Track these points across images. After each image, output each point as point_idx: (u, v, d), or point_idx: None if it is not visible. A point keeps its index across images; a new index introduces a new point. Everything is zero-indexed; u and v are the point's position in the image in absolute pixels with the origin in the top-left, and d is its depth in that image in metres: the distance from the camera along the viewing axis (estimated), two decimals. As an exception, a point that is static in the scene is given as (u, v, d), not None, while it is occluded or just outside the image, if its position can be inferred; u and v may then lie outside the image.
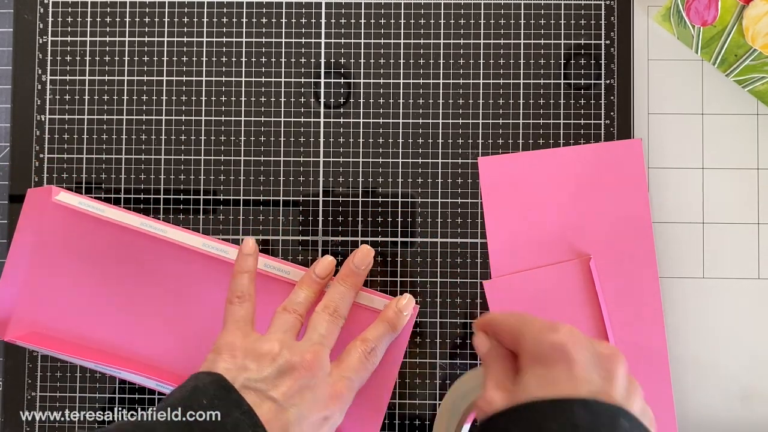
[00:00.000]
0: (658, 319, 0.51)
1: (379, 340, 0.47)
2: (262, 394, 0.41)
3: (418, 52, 0.53)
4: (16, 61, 0.54)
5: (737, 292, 0.52)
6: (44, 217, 0.51)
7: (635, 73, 0.53)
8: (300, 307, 0.46)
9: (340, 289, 0.48)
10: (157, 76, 0.54)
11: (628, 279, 0.51)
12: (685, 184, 0.53)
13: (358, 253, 0.49)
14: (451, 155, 0.53)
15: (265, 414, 0.40)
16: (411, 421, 0.51)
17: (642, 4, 0.53)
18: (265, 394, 0.40)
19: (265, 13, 0.54)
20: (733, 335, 0.52)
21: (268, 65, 0.54)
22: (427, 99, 0.53)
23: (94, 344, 0.51)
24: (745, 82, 0.52)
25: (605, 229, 0.52)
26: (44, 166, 0.53)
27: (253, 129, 0.53)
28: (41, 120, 0.54)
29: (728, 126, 0.53)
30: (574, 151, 0.52)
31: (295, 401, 0.41)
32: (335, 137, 0.53)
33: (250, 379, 0.41)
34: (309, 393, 0.42)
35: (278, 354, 0.42)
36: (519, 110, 0.53)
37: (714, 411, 0.52)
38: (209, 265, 0.50)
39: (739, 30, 0.47)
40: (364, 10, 0.54)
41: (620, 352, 0.35)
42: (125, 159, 0.54)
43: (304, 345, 0.44)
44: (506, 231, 0.52)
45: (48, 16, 0.54)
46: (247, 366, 0.41)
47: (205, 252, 0.50)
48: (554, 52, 0.53)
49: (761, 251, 0.52)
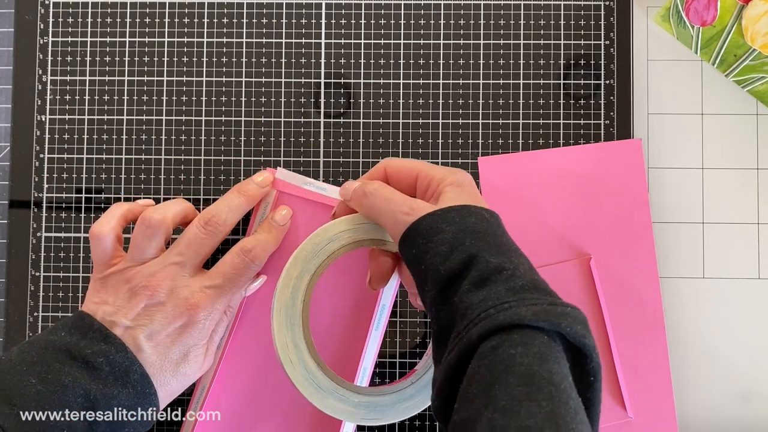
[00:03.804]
0: (658, 319, 0.51)
1: (257, 243, 0.47)
2: (113, 323, 0.44)
3: (418, 52, 0.53)
4: (17, 62, 0.54)
5: (737, 292, 0.52)
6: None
7: (635, 73, 0.53)
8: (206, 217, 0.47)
9: (228, 197, 0.48)
10: (157, 76, 0.54)
11: (628, 279, 0.51)
12: (685, 184, 0.53)
13: (260, 175, 0.50)
14: (451, 155, 0.53)
15: (119, 335, 0.43)
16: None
17: (641, 5, 0.53)
18: (117, 322, 0.44)
19: (265, 14, 0.54)
20: (733, 335, 0.52)
21: (268, 65, 0.54)
22: (427, 99, 0.53)
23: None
24: (744, 82, 0.52)
25: (605, 229, 0.52)
26: (44, 166, 0.54)
27: (253, 129, 0.53)
28: (41, 120, 0.54)
29: (728, 126, 0.53)
30: (574, 151, 0.52)
31: (143, 321, 0.44)
32: (335, 137, 0.53)
33: (107, 312, 0.44)
34: (158, 312, 0.44)
35: (130, 280, 0.45)
36: (519, 110, 0.53)
37: (714, 411, 0.52)
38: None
39: (739, 30, 0.47)
40: (364, 11, 0.54)
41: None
42: (125, 159, 0.54)
43: (154, 266, 0.45)
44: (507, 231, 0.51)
45: (49, 16, 0.54)
46: (106, 300, 0.45)
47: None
48: (554, 52, 0.53)
49: (761, 251, 0.52)
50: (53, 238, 0.53)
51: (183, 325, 0.45)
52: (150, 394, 0.43)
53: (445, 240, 0.39)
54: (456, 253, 0.38)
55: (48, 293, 0.53)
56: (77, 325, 0.43)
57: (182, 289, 0.45)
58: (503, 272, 0.37)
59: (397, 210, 0.42)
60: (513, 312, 0.35)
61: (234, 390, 0.51)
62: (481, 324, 0.35)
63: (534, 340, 0.34)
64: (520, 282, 0.37)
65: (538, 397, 0.31)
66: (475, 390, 0.33)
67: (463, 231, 0.39)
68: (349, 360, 0.50)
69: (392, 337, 0.52)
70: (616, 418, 0.50)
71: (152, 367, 0.43)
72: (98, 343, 0.42)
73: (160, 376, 0.44)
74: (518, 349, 0.33)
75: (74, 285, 0.53)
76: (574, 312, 0.36)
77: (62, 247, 0.53)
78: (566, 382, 0.33)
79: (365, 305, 0.51)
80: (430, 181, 0.44)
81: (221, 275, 0.46)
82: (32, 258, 0.53)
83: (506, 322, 0.34)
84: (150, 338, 0.44)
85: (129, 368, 0.42)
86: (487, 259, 0.38)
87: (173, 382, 0.45)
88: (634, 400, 0.50)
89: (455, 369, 0.36)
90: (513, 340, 0.34)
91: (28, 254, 0.53)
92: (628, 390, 0.50)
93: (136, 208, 0.48)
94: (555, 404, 0.31)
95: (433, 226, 0.39)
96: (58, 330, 0.43)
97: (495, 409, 0.32)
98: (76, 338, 0.43)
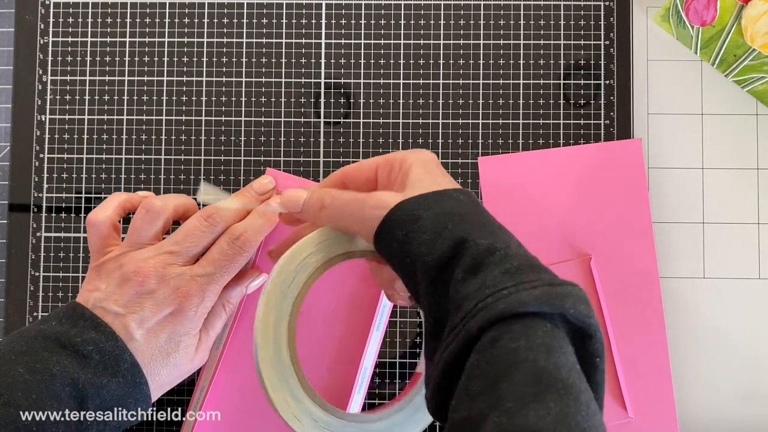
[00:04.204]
0: (659, 319, 0.51)
1: (246, 227, 0.46)
2: (103, 309, 0.43)
3: (418, 52, 0.53)
4: (17, 62, 0.54)
5: (737, 292, 0.52)
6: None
7: (635, 73, 0.53)
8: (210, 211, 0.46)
9: (231, 201, 0.47)
10: (157, 76, 0.54)
11: (628, 279, 0.51)
12: (685, 184, 0.53)
13: (260, 179, 0.49)
14: (451, 155, 0.53)
15: (109, 322, 0.43)
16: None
17: (641, 5, 0.53)
18: (107, 309, 0.43)
19: (265, 14, 0.54)
20: (733, 335, 0.52)
21: (268, 65, 0.54)
22: (427, 99, 0.53)
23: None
24: (744, 82, 0.52)
25: (605, 229, 0.52)
26: (44, 166, 0.54)
27: (253, 129, 0.53)
28: (42, 120, 0.54)
29: (728, 126, 0.53)
30: (574, 151, 0.52)
31: (133, 309, 0.43)
32: (335, 137, 0.53)
33: (98, 299, 0.44)
34: (148, 299, 0.44)
35: (123, 266, 0.44)
36: (519, 110, 0.53)
37: (714, 411, 0.52)
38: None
39: (738, 30, 0.47)
40: (364, 11, 0.54)
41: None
42: (125, 159, 0.54)
43: (147, 253, 0.45)
44: (506, 231, 0.52)
45: (49, 16, 0.54)
46: (98, 287, 0.44)
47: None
48: (554, 52, 0.53)
49: (761, 251, 0.52)
50: (53, 238, 0.53)
51: (173, 313, 0.44)
52: (141, 384, 0.43)
53: (426, 227, 0.36)
54: (441, 239, 0.36)
55: (48, 293, 0.53)
56: (69, 315, 0.43)
57: (173, 278, 0.44)
58: (496, 253, 0.35)
59: (364, 208, 0.39)
60: (513, 299, 0.33)
61: (234, 390, 0.51)
62: (480, 315, 0.33)
63: (536, 330, 0.32)
64: (516, 262, 0.35)
65: (547, 398, 0.30)
66: (476, 387, 0.32)
67: (442, 215, 0.37)
68: (350, 360, 0.50)
69: (392, 337, 0.52)
70: (617, 418, 0.50)
71: (143, 356, 0.43)
72: (88, 332, 0.42)
73: (151, 365, 0.43)
74: (521, 341, 0.32)
75: (74, 285, 0.53)
76: (575, 290, 0.34)
77: (62, 247, 0.53)
78: (574, 374, 0.31)
79: (365, 306, 0.51)
80: (391, 166, 0.41)
81: (212, 263, 0.45)
82: (32, 258, 0.53)
83: (507, 311, 0.32)
84: (140, 325, 0.43)
85: (119, 357, 0.42)
86: (477, 242, 0.35)
87: (163, 372, 0.44)
88: (635, 400, 0.50)
89: (452, 365, 0.34)
90: (514, 332, 0.32)
91: (28, 254, 0.53)
92: (628, 390, 0.50)
93: (135, 198, 0.48)
94: (564, 403, 0.30)
95: (409, 214, 0.37)
96: (50, 319, 0.43)
97: (501, 411, 0.30)
98: (67, 327, 0.42)
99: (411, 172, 0.40)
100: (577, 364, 0.32)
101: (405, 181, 0.40)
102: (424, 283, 0.36)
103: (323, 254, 0.41)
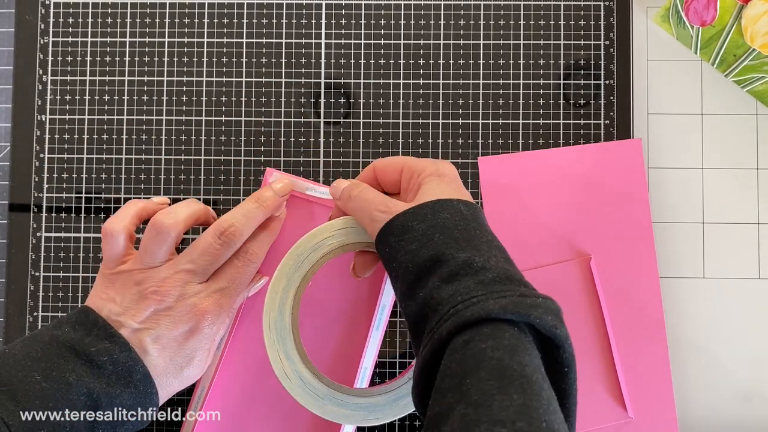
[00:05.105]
0: (659, 319, 0.51)
1: (255, 242, 0.47)
2: (119, 323, 0.44)
3: (418, 52, 0.53)
4: (18, 62, 0.54)
5: (737, 292, 0.52)
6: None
7: (634, 73, 0.53)
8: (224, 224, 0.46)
9: (246, 207, 0.47)
10: (157, 76, 0.54)
11: (628, 279, 0.51)
12: (685, 184, 0.53)
13: (279, 182, 0.49)
14: (451, 155, 0.53)
15: (125, 336, 0.43)
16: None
17: (641, 5, 0.53)
18: (123, 323, 0.44)
19: (265, 14, 0.54)
20: (733, 335, 0.52)
21: (269, 66, 0.54)
22: (427, 99, 0.53)
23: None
24: (744, 82, 0.52)
25: (605, 229, 0.52)
26: (44, 166, 0.54)
27: (253, 129, 0.53)
28: (42, 120, 0.54)
29: (728, 126, 0.53)
30: (574, 151, 0.52)
31: (149, 325, 0.44)
32: (335, 137, 0.53)
33: (114, 311, 0.44)
34: (166, 317, 0.44)
35: (140, 282, 0.45)
36: (519, 110, 0.53)
37: (714, 411, 0.52)
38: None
39: (738, 30, 0.47)
40: (364, 11, 0.54)
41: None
42: (125, 159, 0.54)
43: (165, 272, 0.45)
44: (506, 231, 0.52)
45: (49, 17, 0.54)
46: (113, 298, 0.45)
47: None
48: (554, 52, 0.53)
49: (761, 251, 0.52)
50: (53, 238, 0.53)
51: (189, 330, 0.45)
52: (151, 394, 0.43)
53: (415, 238, 0.39)
54: (424, 249, 0.39)
55: (48, 293, 0.53)
56: (81, 321, 0.43)
57: (191, 296, 0.45)
58: (472, 266, 0.37)
59: (374, 209, 0.42)
60: (480, 306, 0.35)
61: (234, 390, 0.51)
62: (451, 320, 0.35)
63: (504, 333, 0.34)
64: (490, 275, 0.37)
65: (510, 390, 0.32)
66: (447, 384, 0.33)
67: (433, 227, 0.39)
68: (350, 360, 0.50)
69: (392, 337, 0.52)
70: (617, 418, 0.50)
71: (156, 369, 0.44)
72: (102, 341, 0.42)
73: (164, 377, 0.44)
74: (489, 342, 0.34)
75: (74, 285, 0.53)
76: (545, 303, 0.36)
77: (62, 247, 0.53)
78: (538, 374, 0.33)
79: (365, 305, 0.51)
80: (411, 174, 0.44)
81: (225, 277, 0.46)
82: (32, 258, 0.53)
83: (474, 317, 0.35)
84: (156, 341, 0.44)
85: (132, 368, 0.42)
86: (454, 255, 0.38)
87: (175, 384, 0.45)
88: (635, 400, 0.50)
89: (429, 364, 0.36)
90: (483, 334, 0.34)
91: (28, 254, 0.53)
92: (628, 390, 0.50)
93: (151, 206, 0.48)
94: (527, 397, 0.31)
95: (405, 225, 0.40)
96: (63, 325, 0.43)
97: (467, 404, 0.32)
98: (81, 334, 0.43)
99: (425, 183, 0.43)
100: (542, 367, 0.34)
101: (418, 190, 0.43)
102: (403, 287, 0.39)
103: (340, 240, 0.45)
